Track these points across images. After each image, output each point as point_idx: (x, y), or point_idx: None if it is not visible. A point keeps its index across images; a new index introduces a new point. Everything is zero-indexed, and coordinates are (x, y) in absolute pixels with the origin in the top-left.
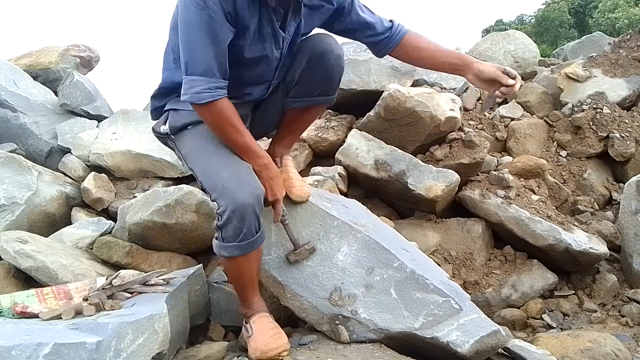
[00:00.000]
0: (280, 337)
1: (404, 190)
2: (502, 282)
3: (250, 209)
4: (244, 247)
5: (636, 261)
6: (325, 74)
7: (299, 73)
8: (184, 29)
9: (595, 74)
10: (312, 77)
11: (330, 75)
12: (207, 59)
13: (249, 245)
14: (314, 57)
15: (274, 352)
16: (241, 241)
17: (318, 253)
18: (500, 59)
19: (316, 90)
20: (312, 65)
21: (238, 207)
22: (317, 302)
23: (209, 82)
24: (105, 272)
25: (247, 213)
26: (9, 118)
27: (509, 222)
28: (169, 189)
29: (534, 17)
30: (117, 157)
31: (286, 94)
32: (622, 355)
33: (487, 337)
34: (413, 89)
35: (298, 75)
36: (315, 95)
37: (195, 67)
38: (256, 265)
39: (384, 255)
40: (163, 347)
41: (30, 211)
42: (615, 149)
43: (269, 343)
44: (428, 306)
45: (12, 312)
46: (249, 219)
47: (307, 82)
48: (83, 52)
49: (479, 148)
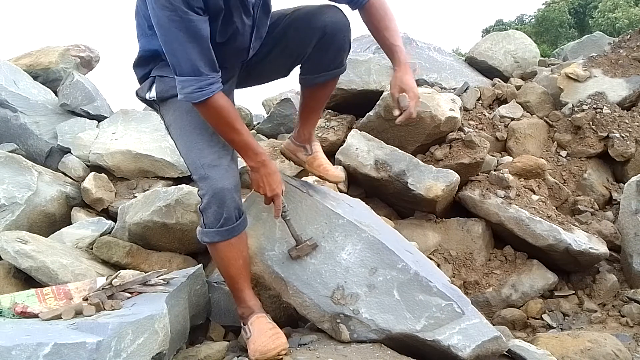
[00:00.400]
0: (278, 337)
1: (404, 190)
2: (502, 282)
3: (229, 194)
4: (224, 233)
5: (636, 261)
6: (339, 49)
7: (311, 49)
8: (160, 32)
9: (595, 74)
10: (325, 53)
11: (343, 49)
12: (191, 58)
13: (228, 231)
14: (326, 35)
15: (273, 352)
16: (221, 227)
17: (322, 251)
18: (500, 59)
19: (332, 64)
20: (326, 42)
21: (217, 192)
22: (319, 299)
23: (198, 80)
24: (105, 272)
25: (227, 199)
26: (9, 118)
27: (509, 222)
28: (169, 189)
29: (534, 17)
30: (117, 157)
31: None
32: (622, 355)
33: (488, 342)
34: None
35: (311, 50)
36: (331, 68)
37: (182, 69)
38: (240, 255)
39: (388, 256)
40: (163, 347)
41: (30, 211)
42: (615, 149)
43: (267, 344)
44: (430, 309)
45: (12, 312)
46: (228, 204)
47: (321, 58)
48: (83, 52)
49: (479, 148)
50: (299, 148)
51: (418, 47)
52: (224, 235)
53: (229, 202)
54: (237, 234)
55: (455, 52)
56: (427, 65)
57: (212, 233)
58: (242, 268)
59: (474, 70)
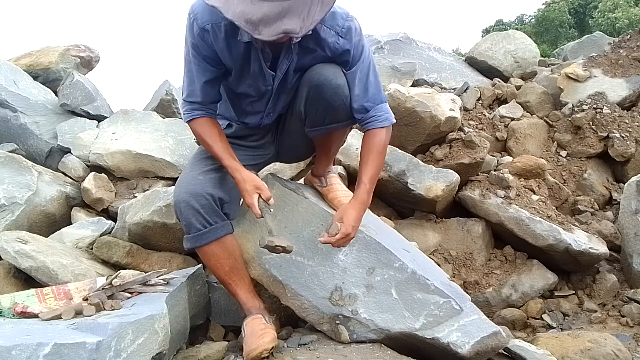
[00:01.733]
0: (262, 337)
1: (404, 190)
2: (502, 282)
3: (183, 204)
4: (192, 240)
5: (636, 261)
6: (326, 105)
7: (303, 105)
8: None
9: (595, 74)
10: (315, 109)
11: (330, 106)
12: (192, 87)
13: (195, 239)
14: (312, 90)
15: (255, 352)
16: (188, 233)
17: (319, 252)
18: (500, 59)
19: (324, 119)
20: (312, 98)
21: (175, 204)
22: (317, 301)
23: (190, 105)
24: (105, 272)
25: (183, 208)
26: (9, 118)
27: (509, 222)
28: (169, 189)
29: (534, 17)
30: (117, 157)
31: (303, 123)
32: (622, 355)
33: (487, 338)
34: (413, 89)
35: (303, 107)
36: (326, 123)
37: (185, 92)
38: (225, 260)
39: (385, 256)
40: (163, 347)
41: (30, 211)
42: (615, 149)
43: (251, 344)
44: (429, 307)
45: (12, 312)
46: (186, 214)
47: (313, 114)
48: (83, 52)
49: (479, 148)
50: (315, 180)
51: (418, 47)
52: (193, 242)
53: (186, 211)
54: (205, 242)
55: (455, 52)
56: (427, 65)
57: (185, 240)
58: (231, 272)
59: (474, 70)
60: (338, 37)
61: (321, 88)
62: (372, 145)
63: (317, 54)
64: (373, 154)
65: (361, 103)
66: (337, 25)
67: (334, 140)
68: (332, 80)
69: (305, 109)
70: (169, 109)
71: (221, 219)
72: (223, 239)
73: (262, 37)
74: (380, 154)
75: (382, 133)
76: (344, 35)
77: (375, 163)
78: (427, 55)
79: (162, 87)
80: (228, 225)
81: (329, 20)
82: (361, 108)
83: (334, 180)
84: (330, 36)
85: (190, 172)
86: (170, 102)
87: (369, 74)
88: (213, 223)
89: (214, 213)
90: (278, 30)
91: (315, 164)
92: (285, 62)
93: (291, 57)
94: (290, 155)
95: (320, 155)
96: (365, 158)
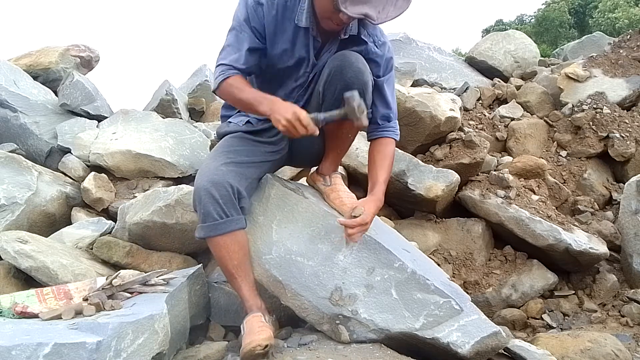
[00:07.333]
0: (259, 333)
1: (404, 190)
2: (502, 282)
3: (204, 192)
4: (206, 229)
5: (636, 261)
6: (343, 87)
7: (322, 86)
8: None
9: (595, 74)
10: (333, 89)
11: (348, 89)
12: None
13: (210, 228)
14: (333, 69)
15: (248, 347)
16: (203, 222)
17: (319, 252)
18: (500, 59)
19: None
20: (333, 78)
21: (196, 191)
22: (317, 301)
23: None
24: (105, 272)
25: (203, 196)
26: (9, 118)
27: (509, 222)
28: (169, 189)
29: (534, 17)
30: (117, 157)
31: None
32: (622, 355)
33: (487, 338)
34: (413, 89)
35: (322, 88)
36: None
37: (223, 58)
38: (235, 254)
39: (384, 256)
40: (163, 347)
41: (30, 211)
42: (615, 149)
43: (247, 340)
44: (429, 307)
45: (12, 312)
46: (205, 202)
47: (330, 96)
48: (83, 52)
49: (479, 148)
50: (319, 178)
51: (418, 47)
52: (207, 232)
53: (205, 199)
54: (220, 232)
55: (455, 52)
56: (427, 65)
57: (199, 229)
58: (239, 267)
59: (474, 70)
60: (374, 46)
61: (342, 69)
62: (388, 152)
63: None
64: (388, 159)
65: (386, 112)
66: (376, 36)
67: (344, 137)
68: (354, 64)
69: (324, 90)
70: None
71: (237, 213)
72: (236, 232)
73: (347, 11)
74: (392, 161)
75: (393, 143)
76: (379, 46)
77: (389, 169)
78: (427, 55)
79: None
80: (242, 220)
81: (370, 28)
82: (385, 116)
83: (338, 180)
84: (368, 41)
85: (213, 163)
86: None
87: (393, 91)
88: (229, 215)
89: (232, 205)
90: (361, 11)
91: (322, 162)
92: (327, 54)
93: (332, 50)
94: (302, 155)
95: (328, 153)
96: (381, 163)
